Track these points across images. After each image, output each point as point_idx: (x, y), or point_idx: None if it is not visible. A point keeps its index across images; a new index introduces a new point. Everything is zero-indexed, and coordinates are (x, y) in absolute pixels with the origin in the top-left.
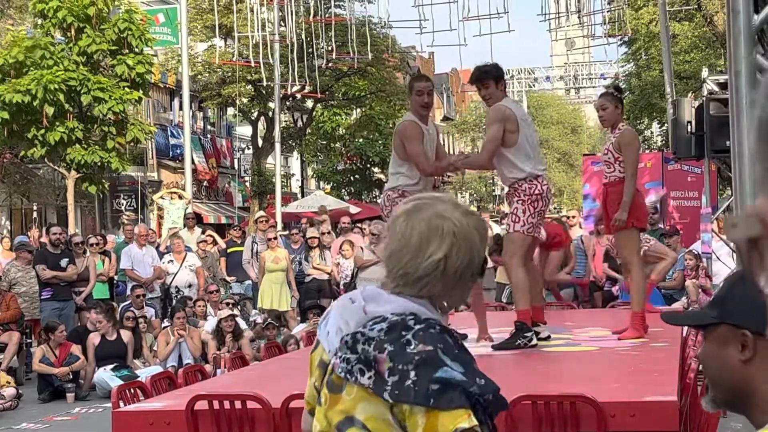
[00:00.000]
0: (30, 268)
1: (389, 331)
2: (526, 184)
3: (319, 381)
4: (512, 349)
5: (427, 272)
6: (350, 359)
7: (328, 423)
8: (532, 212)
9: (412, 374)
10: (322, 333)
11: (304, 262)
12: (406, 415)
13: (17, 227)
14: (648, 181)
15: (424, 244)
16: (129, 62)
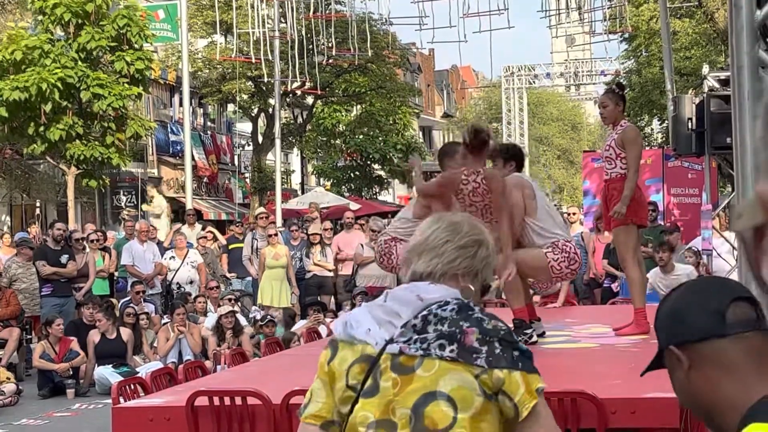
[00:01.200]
0: (30, 264)
1: (459, 311)
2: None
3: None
4: None
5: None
6: (426, 338)
7: (391, 409)
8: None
9: (497, 344)
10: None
11: (305, 259)
12: (501, 380)
13: (17, 223)
14: (648, 178)
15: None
16: (128, 58)
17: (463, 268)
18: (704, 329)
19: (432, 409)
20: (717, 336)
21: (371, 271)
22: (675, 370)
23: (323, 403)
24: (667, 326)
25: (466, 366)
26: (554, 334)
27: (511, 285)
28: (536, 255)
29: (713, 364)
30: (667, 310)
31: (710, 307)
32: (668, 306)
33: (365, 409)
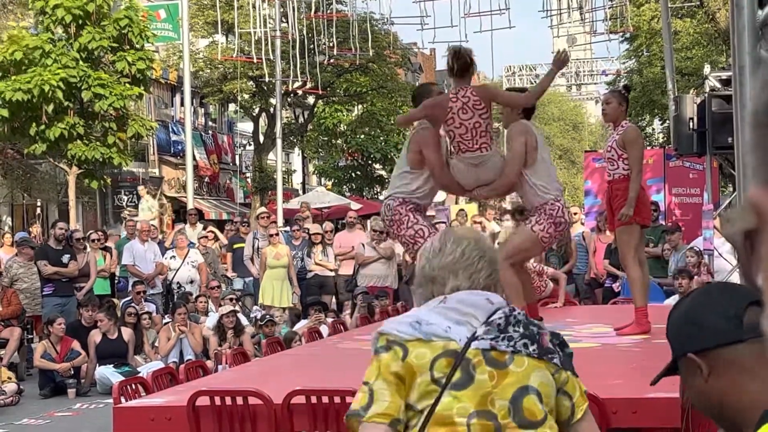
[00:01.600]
0: (31, 264)
1: (525, 315)
2: (548, 207)
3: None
4: None
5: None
6: (512, 336)
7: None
8: (554, 228)
9: (559, 348)
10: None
11: (306, 258)
12: (566, 380)
13: (19, 223)
14: (650, 178)
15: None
16: (129, 58)
17: (495, 280)
18: (724, 334)
19: (528, 401)
20: (736, 341)
21: (372, 271)
22: (693, 377)
23: (390, 401)
24: (684, 334)
25: (546, 364)
26: None
27: (512, 283)
28: (525, 236)
29: (734, 369)
30: (681, 318)
31: (728, 313)
32: (682, 313)
33: (462, 400)
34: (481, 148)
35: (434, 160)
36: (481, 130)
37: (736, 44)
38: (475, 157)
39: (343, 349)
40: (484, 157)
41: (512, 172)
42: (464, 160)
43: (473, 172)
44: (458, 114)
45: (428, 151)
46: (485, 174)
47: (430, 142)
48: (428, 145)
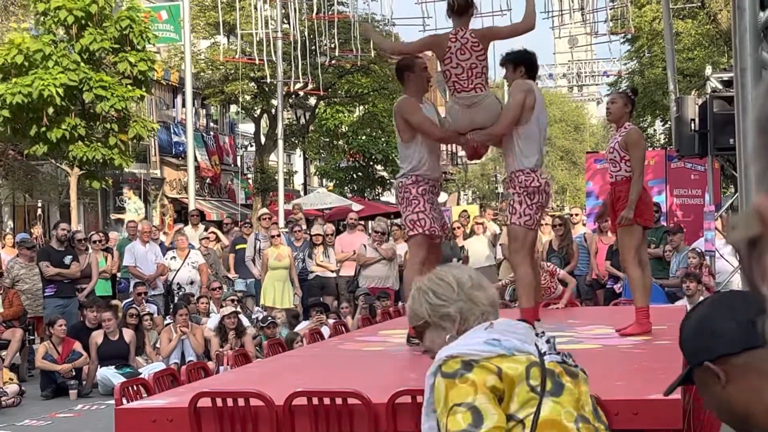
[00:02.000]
0: (33, 265)
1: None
2: (522, 176)
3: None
4: None
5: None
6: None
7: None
8: (528, 204)
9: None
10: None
11: (308, 259)
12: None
13: (20, 224)
14: (651, 179)
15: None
16: (131, 59)
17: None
18: (740, 341)
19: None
20: (752, 347)
21: (374, 272)
22: (710, 385)
23: (498, 414)
24: (699, 343)
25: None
26: (557, 335)
27: (527, 283)
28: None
29: (752, 374)
30: (694, 328)
31: (741, 319)
32: (695, 324)
33: (564, 406)
34: (475, 88)
35: (420, 119)
36: (476, 71)
37: (737, 46)
38: (470, 97)
39: (345, 351)
40: (478, 98)
41: (506, 119)
42: (458, 102)
43: (467, 114)
44: (456, 54)
45: (412, 116)
46: (479, 115)
47: (410, 108)
48: (410, 111)
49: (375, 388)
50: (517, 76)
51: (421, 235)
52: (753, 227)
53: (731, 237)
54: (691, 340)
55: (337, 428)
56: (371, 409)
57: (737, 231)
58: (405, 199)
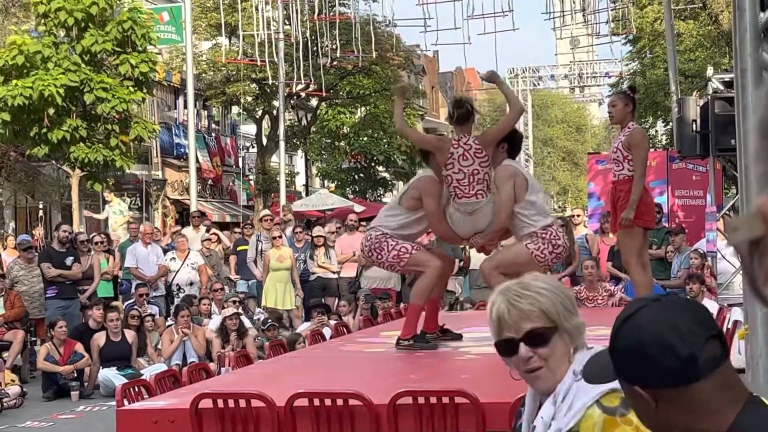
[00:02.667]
0: (32, 266)
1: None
2: (540, 232)
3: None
4: None
5: None
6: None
7: None
8: (550, 250)
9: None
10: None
11: (309, 261)
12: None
13: (22, 225)
14: (653, 180)
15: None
16: (132, 61)
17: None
18: (676, 376)
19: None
20: (690, 381)
21: (376, 273)
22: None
23: None
24: (634, 367)
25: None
26: None
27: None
28: (518, 251)
29: (683, 406)
30: (633, 349)
31: (683, 353)
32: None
33: None
34: (476, 195)
35: (433, 209)
36: (478, 177)
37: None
38: (471, 203)
39: (346, 352)
40: (479, 204)
41: (503, 217)
42: (459, 209)
43: (468, 221)
44: (458, 160)
45: (428, 199)
46: (481, 221)
47: (432, 191)
48: (429, 193)
49: (376, 389)
50: (498, 152)
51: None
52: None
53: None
54: (624, 360)
55: (338, 429)
56: (372, 410)
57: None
58: (373, 248)
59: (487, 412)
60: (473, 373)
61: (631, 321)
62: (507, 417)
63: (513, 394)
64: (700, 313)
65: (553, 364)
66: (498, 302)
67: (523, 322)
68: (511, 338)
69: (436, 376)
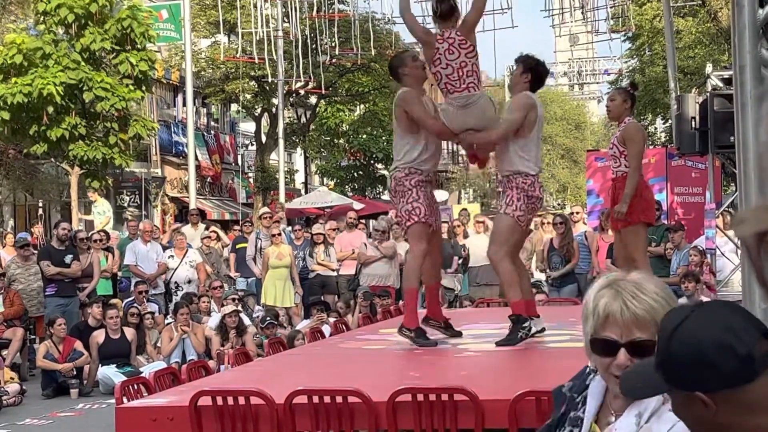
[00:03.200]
0: (29, 264)
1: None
2: (521, 179)
3: None
4: (515, 344)
5: None
6: None
7: None
8: (525, 202)
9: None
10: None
11: (309, 258)
12: None
13: (21, 223)
14: (652, 177)
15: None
16: (132, 60)
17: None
18: (737, 376)
19: None
20: (748, 380)
21: (375, 270)
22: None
23: None
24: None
25: None
26: (558, 333)
27: (511, 277)
28: (503, 221)
29: (743, 405)
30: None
31: (741, 350)
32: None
33: None
34: (468, 88)
35: (420, 113)
36: (467, 69)
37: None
38: (462, 97)
39: (345, 349)
40: (471, 98)
41: (501, 132)
42: (452, 103)
43: (461, 115)
44: (445, 54)
45: (412, 107)
46: (472, 116)
47: (410, 98)
48: (411, 102)
49: (375, 386)
50: (521, 81)
51: (419, 224)
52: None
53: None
54: (683, 368)
55: (337, 427)
56: (372, 407)
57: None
58: (397, 191)
59: (487, 409)
60: (472, 370)
61: (683, 329)
62: (506, 414)
63: (512, 392)
64: (747, 313)
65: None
66: (608, 297)
67: (634, 327)
68: (615, 341)
69: (436, 373)
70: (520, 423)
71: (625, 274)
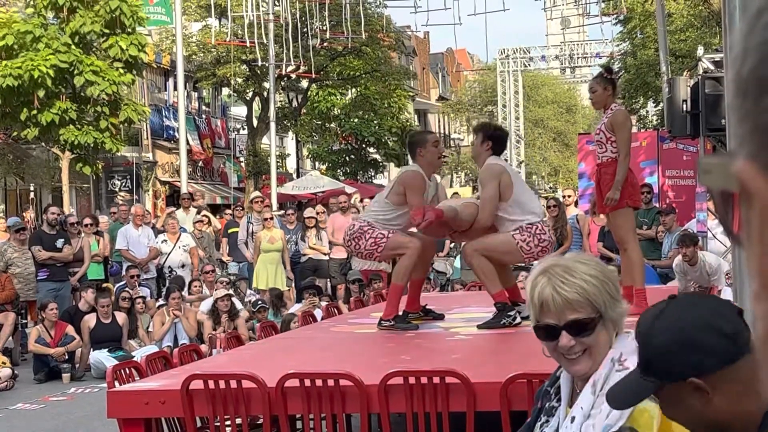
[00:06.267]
0: (25, 248)
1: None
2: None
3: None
4: (497, 328)
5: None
6: None
7: None
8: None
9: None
10: None
11: (300, 242)
12: None
13: (12, 208)
14: (643, 160)
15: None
16: (122, 44)
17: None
18: (727, 354)
19: None
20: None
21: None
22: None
23: None
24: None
25: None
26: None
27: (486, 271)
28: (504, 239)
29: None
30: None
31: (726, 329)
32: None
33: None
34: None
35: (415, 203)
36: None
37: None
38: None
39: (337, 333)
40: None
41: (485, 215)
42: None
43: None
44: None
45: (411, 193)
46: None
47: (415, 185)
48: (413, 187)
49: (367, 369)
50: (483, 150)
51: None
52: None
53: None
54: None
55: (329, 410)
56: (363, 390)
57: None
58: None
59: (478, 392)
60: (464, 353)
61: (661, 321)
62: (497, 397)
63: (503, 374)
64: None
65: (595, 351)
66: (541, 285)
67: (568, 311)
68: (554, 325)
69: (427, 357)
70: (511, 405)
71: (558, 258)
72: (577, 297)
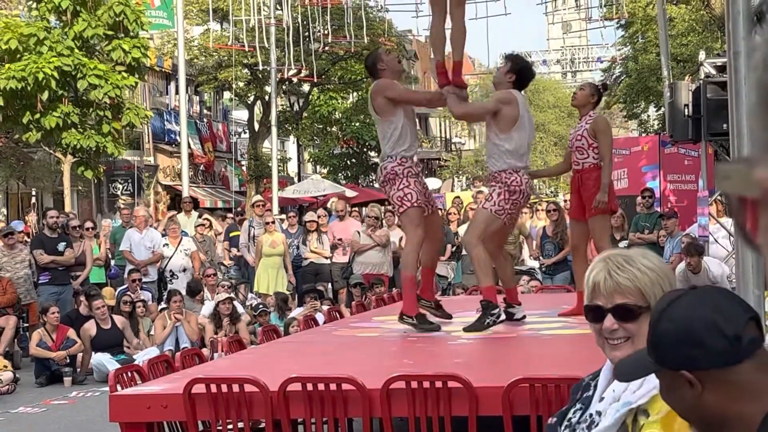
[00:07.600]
0: (14, 252)
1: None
2: (505, 175)
3: None
4: (482, 330)
5: None
6: None
7: None
8: (506, 198)
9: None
10: None
11: (302, 246)
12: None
13: (14, 212)
14: (645, 165)
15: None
16: (125, 47)
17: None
18: (724, 356)
19: None
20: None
21: (368, 259)
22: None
23: None
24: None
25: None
26: (551, 320)
27: (482, 263)
28: (480, 216)
29: (728, 387)
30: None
31: (729, 331)
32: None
33: None
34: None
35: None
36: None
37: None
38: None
39: (339, 337)
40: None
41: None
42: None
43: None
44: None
45: (393, 90)
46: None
47: (389, 85)
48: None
49: (369, 373)
50: (505, 80)
51: (413, 209)
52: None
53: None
54: (672, 346)
55: (331, 414)
56: (365, 394)
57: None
58: (387, 179)
59: (480, 397)
60: (466, 357)
61: (673, 308)
62: (499, 401)
63: (505, 379)
64: (738, 299)
65: (637, 341)
66: (597, 269)
67: (617, 295)
68: (600, 306)
69: (429, 361)
70: (513, 410)
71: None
72: (629, 283)
